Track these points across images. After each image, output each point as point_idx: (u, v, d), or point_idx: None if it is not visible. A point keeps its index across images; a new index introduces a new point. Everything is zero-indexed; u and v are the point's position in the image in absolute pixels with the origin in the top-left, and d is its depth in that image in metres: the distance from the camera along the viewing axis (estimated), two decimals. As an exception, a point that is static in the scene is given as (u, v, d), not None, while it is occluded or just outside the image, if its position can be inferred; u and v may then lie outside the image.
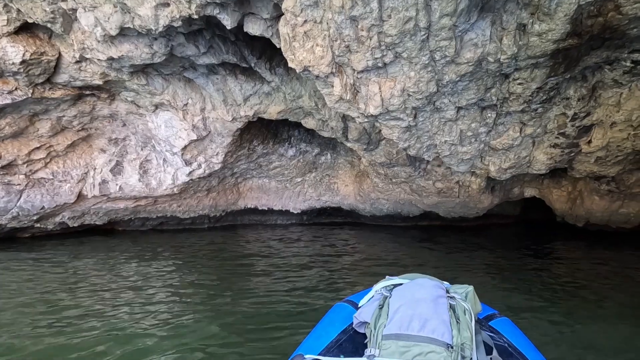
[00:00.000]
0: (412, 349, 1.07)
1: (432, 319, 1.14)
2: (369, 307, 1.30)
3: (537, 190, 8.17)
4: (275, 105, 6.39)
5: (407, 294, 1.25)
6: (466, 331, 1.13)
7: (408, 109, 4.39)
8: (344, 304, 1.57)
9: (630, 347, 2.92)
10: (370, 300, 1.35)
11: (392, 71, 3.94)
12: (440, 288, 1.27)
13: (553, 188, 7.80)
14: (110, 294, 4.24)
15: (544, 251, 7.06)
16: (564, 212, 7.80)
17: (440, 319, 1.14)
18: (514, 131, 5.20)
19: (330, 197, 9.66)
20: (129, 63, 4.78)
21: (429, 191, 7.83)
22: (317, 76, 3.93)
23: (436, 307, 1.17)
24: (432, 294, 1.22)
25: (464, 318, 1.17)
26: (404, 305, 1.20)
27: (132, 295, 4.24)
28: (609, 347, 2.91)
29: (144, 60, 4.74)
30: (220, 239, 7.93)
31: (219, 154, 7.03)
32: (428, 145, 5.38)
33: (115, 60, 4.72)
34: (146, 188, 7.00)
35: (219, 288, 4.53)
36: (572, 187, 7.33)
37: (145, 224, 8.50)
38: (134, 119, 6.38)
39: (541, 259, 6.38)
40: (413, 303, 1.20)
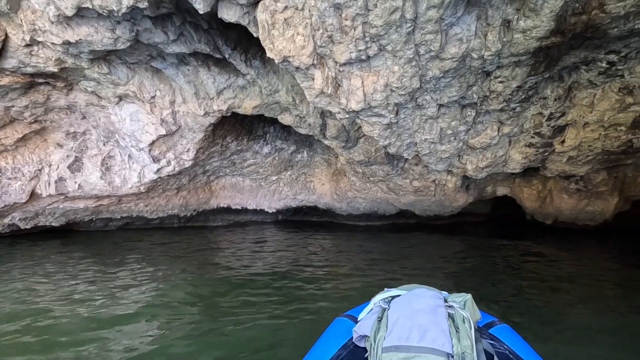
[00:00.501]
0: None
1: (431, 329, 1.13)
2: (368, 321, 1.28)
3: (508, 189, 8.35)
4: (251, 100, 6.08)
5: (406, 305, 1.24)
6: (466, 340, 1.12)
7: (390, 105, 4.25)
8: (344, 318, 1.57)
9: (595, 326, 3.23)
10: (369, 314, 1.33)
11: (375, 65, 3.77)
12: (438, 298, 1.27)
13: (524, 187, 7.99)
14: (48, 306, 3.76)
15: (516, 247, 7.20)
16: (533, 210, 8.01)
17: (440, 328, 1.13)
18: (492, 130, 5.20)
19: (306, 195, 9.45)
20: (88, 49, 4.33)
21: (406, 190, 7.80)
22: (297, 68, 3.69)
23: (435, 317, 1.16)
24: (431, 304, 1.22)
25: (464, 327, 1.16)
26: (403, 317, 1.19)
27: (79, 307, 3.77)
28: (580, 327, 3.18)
29: (105, 46, 4.30)
30: (189, 240, 7.51)
31: (190, 151, 6.63)
32: (408, 143, 5.29)
33: (73, 44, 4.26)
34: (109, 186, 6.48)
35: (190, 305, 4.09)
36: (542, 186, 7.52)
37: (108, 224, 7.92)
38: (95, 112, 5.86)
39: (515, 254, 6.48)
40: (412, 314, 1.19)
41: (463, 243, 7.81)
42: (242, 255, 6.18)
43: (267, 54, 3.59)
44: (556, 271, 5.34)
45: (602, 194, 6.53)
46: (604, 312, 3.58)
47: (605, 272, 5.30)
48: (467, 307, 1.25)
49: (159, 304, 3.82)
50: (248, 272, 5.11)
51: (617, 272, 5.34)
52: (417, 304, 1.23)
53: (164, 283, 4.53)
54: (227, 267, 5.35)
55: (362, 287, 4.44)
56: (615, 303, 3.87)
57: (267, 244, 7.32)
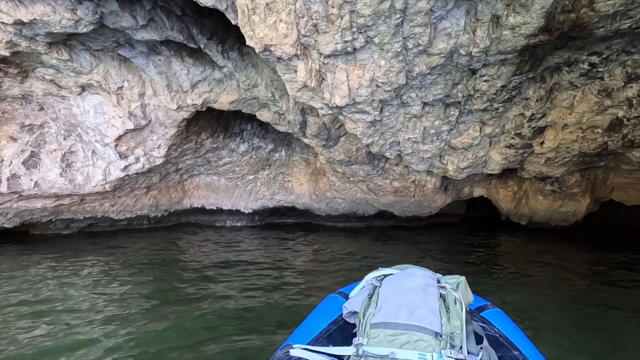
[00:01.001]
0: (400, 337, 1.06)
1: (420, 307, 1.12)
2: (358, 297, 1.27)
3: (485, 190, 8.43)
4: (228, 94, 5.75)
5: (397, 283, 1.24)
6: (456, 320, 1.11)
7: (375, 101, 4.08)
8: (336, 295, 1.56)
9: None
10: (361, 291, 1.32)
11: (361, 58, 3.59)
12: (431, 278, 1.25)
13: (500, 188, 8.09)
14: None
15: (491, 245, 7.26)
16: (509, 211, 8.12)
17: (429, 307, 1.12)
18: (474, 130, 5.16)
19: (284, 196, 9.18)
20: (44, 30, 3.89)
21: (385, 190, 7.69)
22: (279, 58, 3.44)
23: (425, 295, 1.15)
24: (421, 283, 1.21)
25: (454, 307, 1.14)
26: (393, 294, 1.18)
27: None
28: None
29: (64, 29, 3.87)
30: (160, 243, 7.05)
31: (161, 147, 6.21)
32: (391, 142, 5.15)
33: (26, 25, 3.81)
34: (70, 184, 5.95)
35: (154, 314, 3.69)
36: (518, 187, 7.63)
37: (69, 226, 7.31)
38: (54, 102, 5.35)
39: (490, 252, 6.51)
40: (402, 292, 1.19)
41: (441, 241, 7.80)
42: (215, 258, 5.83)
43: (247, 42, 3.32)
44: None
45: (575, 195, 6.68)
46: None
47: (570, 261, 5.48)
48: (460, 288, 1.24)
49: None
50: (220, 277, 4.78)
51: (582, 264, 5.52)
52: (408, 282, 1.22)
53: (131, 306, 3.99)
54: (200, 278, 4.98)
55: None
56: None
57: (243, 245, 7.00)
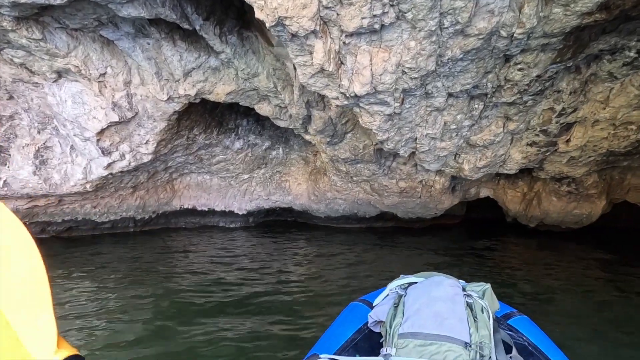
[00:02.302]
0: (429, 348, 1.02)
1: (449, 317, 1.08)
2: (384, 306, 1.23)
3: (492, 190, 8.03)
4: (224, 85, 5.15)
5: (423, 292, 1.18)
6: (484, 329, 1.07)
7: (398, 90, 3.56)
8: (359, 303, 1.49)
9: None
10: (385, 299, 1.27)
11: (388, 38, 3.05)
12: (457, 286, 1.19)
13: (508, 189, 7.70)
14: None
15: (504, 249, 6.85)
16: (517, 213, 7.74)
17: (458, 317, 1.08)
18: (497, 126, 4.70)
19: (280, 196, 8.60)
20: (9, 1, 3.23)
21: (390, 190, 7.20)
22: (293, 35, 2.88)
23: (453, 305, 1.11)
24: (449, 292, 1.16)
25: (482, 316, 1.11)
26: (420, 304, 1.14)
27: None
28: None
29: (36, 0, 3.23)
30: (148, 248, 6.39)
31: (149, 143, 5.55)
32: (407, 139, 4.64)
33: (-14, -7, 3.14)
34: (45, 184, 5.24)
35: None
36: (529, 188, 7.25)
37: (46, 229, 6.57)
38: (25, 90, 4.64)
39: (504, 257, 6.10)
40: (429, 301, 1.14)
41: (447, 245, 7.36)
42: (208, 266, 5.23)
43: (257, 14, 2.74)
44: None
45: (591, 197, 6.32)
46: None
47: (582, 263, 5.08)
48: (486, 296, 1.19)
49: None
50: (212, 287, 4.20)
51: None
52: (435, 291, 1.17)
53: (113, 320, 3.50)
54: (190, 287, 4.40)
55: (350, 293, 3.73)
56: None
57: (237, 249, 6.40)
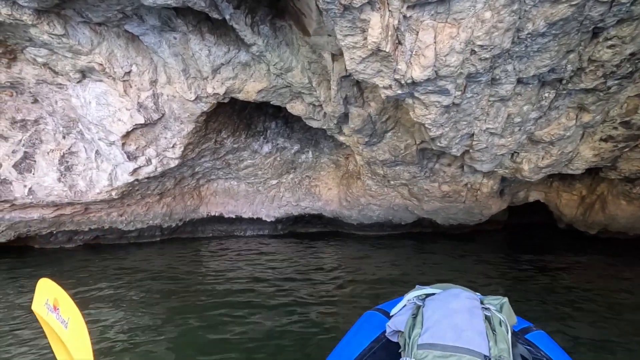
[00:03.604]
0: (449, 359, 0.97)
1: (467, 329, 1.02)
2: (402, 316, 1.15)
3: (543, 194, 7.24)
4: (255, 82, 4.73)
5: (442, 304, 1.11)
6: (503, 343, 1.01)
7: (462, 75, 3.00)
8: (375, 312, 1.38)
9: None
10: (403, 309, 1.18)
11: (458, 9, 2.51)
12: (475, 299, 1.11)
13: (562, 192, 6.90)
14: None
15: (554, 259, 6.03)
16: (573, 218, 6.91)
17: (476, 329, 1.02)
18: (568, 118, 4.03)
19: (310, 202, 8.10)
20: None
21: (432, 195, 6.56)
22: (346, 7, 2.38)
23: (472, 317, 1.04)
24: (467, 304, 1.08)
25: (500, 330, 1.04)
26: (439, 315, 1.07)
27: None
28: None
29: (53, -15, 2.89)
30: (175, 258, 6.02)
31: (175, 146, 5.20)
32: (463, 135, 4.04)
33: (2, -21, 2.83)
34: (70, 191, 4.96)
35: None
36: (589, 190, 6.43)
37: (73, 238, 6.34)
38: (49, 92, 4.38)
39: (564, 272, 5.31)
40: (448, 313, 1.07)
41: (493, 256, 6.59)
42: (239, 276, 4.77)
43: (303, -18, 2.28)
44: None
45: (668, 199, 5.47)
46: None
47: None
48: (504, 310, 1.11)
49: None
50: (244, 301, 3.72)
51: None
52: (454, 303, 1.09)
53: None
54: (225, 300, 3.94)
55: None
56: None
57: (266, 258, 5.92)
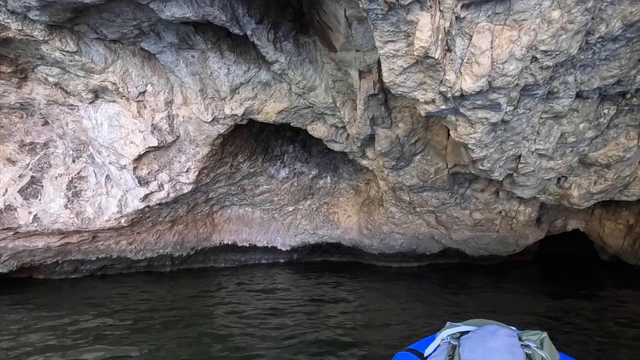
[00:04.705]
0: None
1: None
2: (437, 357, 1.14)
3: (583, 222, 6.61)
4: (275, 102, 4.42)
5: (479, 342, 1.10)
6: None
7: (519, 86, 2.59)
8: (407, 352, 1.36)
9: None
10: (438, 350, 1.18)
11: (520, 8, 2.13)
12: (513, 336, 1.10)
13: (606, 220, 6.27)
14: None
15: (602, 296, 5.30)
16: (620, 249, 6.23)
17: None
18: (628, 138, 3.55)
19: (328, 230, 7.60)
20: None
21: (462, 223, 6.02)
22: (391, 6, 2.04)
23: (512, 357, 1.02)
24: (506, 342, 1.07)
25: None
26: (478, 356, 1.06)
27: None
28: None
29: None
30: (187, 290, 5.54)
31: (190, 171, 4.86)
32: (508, 157, 3.58)
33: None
34: (77, 218, 4.62)
35: None
36: (637, 219, 5.80)
37: (79, 268, 5.95)
38: (60, 114, 4.13)
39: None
40: (486, 353, 1.06)
41: (525, 289, 5.87)
42: (255, 310, 4.25)
43: (343, -23, 1.94)
44: None
45: None
46: None
47: None
48: (545, 346, 1.09)
49: None
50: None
51: None
52: (492, 342, 1.08)
53: None
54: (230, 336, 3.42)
55: None
56: None
57: (283, 292, 5.38)
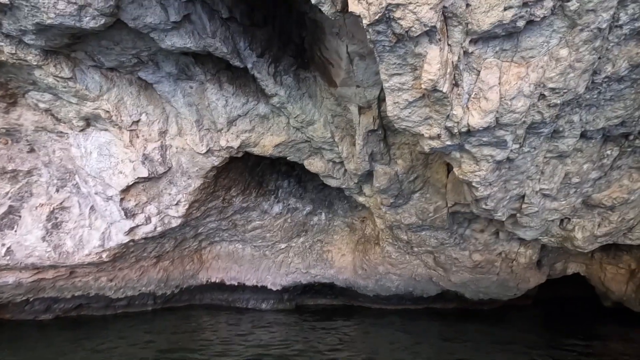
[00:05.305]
0: None
1: None
2: None
3: (583, 266, 6.42)
4: (273, 135, 4.32)
5: None
6: None
7: (526, 124, 2.51)
8: None
9: None
10: None
11: (528, 45, 2.10)
12: None
13: (607, 264, 6.09)
14: None
15: (604, 347, 4.97)
16: (623, 295, 5.99)
17: None
18: (631, 180, 3.47)
19: (321, 269, 7.25)
20: (33, 21, 2.59)
21: (461, 265, 5.77)
22: (399, 37, 1.97)
23: None
24: None
25: None
26: None
27: None
28: None
29: (63, 19, 2.58)
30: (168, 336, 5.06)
31: (180, 204, 4.62)
32: (512, 196, 3.46)
33: (7, 13, 2.53)
34: (54, 252, 4.27)
35: None
36: (638, 263, 5.64)
37: (52, 307, 5.44)
38: (47, 141, 3.94)
39: None
40: None
41: (526, 338, 5.50)
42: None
43: (351, 7, 1.89)
44: None
45: None
46: None
47: None
48: None
49: None
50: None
51: None
52: None
53: None
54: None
55: None
56: None
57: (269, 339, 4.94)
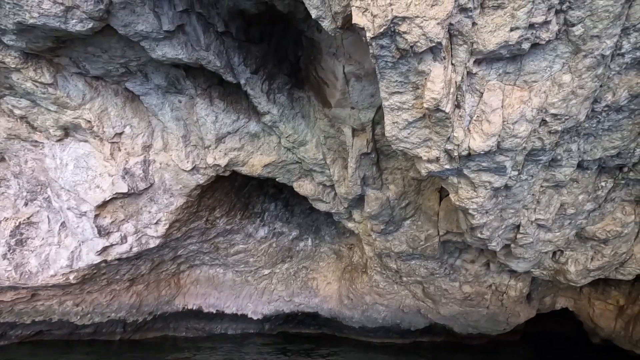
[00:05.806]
0: None
1: None
2: None
3: (571, 301, 6.31)
4: (263, 155, 4.16)
5: None
6: None
7: (526, 150, 2.44)
8: None
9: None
10: None
11: (531, 69, 2.06)
12: None
13: (595, 300, 5.99)
14: None
15: None
16: (612, 333, 5.86)
17: None
18: (624, 213, 3.43)
19: (306, 297, 6.92)
20: (14, 20, 2.42)
21: (451, 296, 5.57)
22: (403, 53, 1.89)
23: None
24: None
25: None
26: None
27: None
28: None
29: (47, 20, 2.42)
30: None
31: (159, 223, 4.33)
32: (507, 226, 3.35)
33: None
34: (15, 272, 3.87)
35: None
36: (627, 299, 5.56)
37: (7, 334, 4.90)
38: (20, 150, 3.67)
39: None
40: None
41: None
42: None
43: (355, 19, 1.80)
44: None
45: None
46: None
47: None
48: None
49: None
50: None
51: None
52: None
53: None
54: None
55: None
56: None
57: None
